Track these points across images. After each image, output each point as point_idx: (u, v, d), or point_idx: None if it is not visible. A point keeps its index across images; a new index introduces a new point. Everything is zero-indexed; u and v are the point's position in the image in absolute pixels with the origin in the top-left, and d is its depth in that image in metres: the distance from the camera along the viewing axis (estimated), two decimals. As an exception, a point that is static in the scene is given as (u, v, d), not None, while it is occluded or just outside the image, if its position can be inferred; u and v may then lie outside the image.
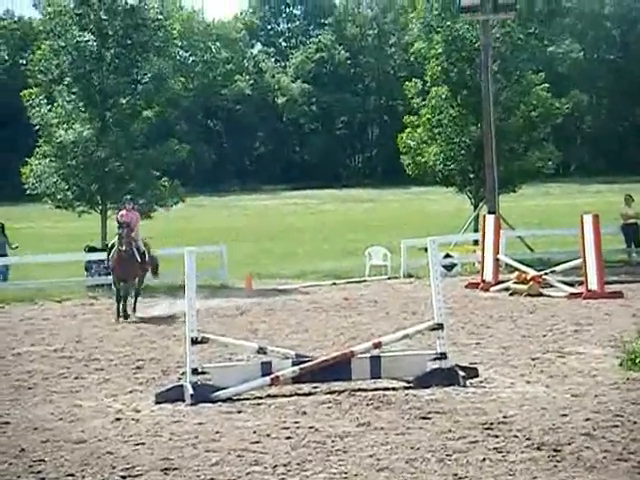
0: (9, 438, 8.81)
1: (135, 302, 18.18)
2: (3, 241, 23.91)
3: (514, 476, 7.05)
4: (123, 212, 18.81)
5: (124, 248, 17.83)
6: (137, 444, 8.44)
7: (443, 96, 28.01)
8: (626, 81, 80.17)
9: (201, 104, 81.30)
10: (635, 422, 8.50)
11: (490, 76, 25.19)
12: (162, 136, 27.54)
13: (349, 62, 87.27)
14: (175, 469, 7.58)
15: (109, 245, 19.25)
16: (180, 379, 10.89)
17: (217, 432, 8.78)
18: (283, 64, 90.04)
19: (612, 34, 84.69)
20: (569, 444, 7.83)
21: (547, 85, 29.04)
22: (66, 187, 25.02)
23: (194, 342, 10.25)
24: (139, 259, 18.15)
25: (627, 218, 25.54)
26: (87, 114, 24.94)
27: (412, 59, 31.81)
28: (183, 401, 10.05)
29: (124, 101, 25.05)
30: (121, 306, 17.71)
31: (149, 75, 25.30)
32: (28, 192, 25.95)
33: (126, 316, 17.57)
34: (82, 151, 24.53)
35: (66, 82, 25.02)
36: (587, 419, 8.68)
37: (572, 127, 70.79)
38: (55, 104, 25.16)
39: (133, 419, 9.48)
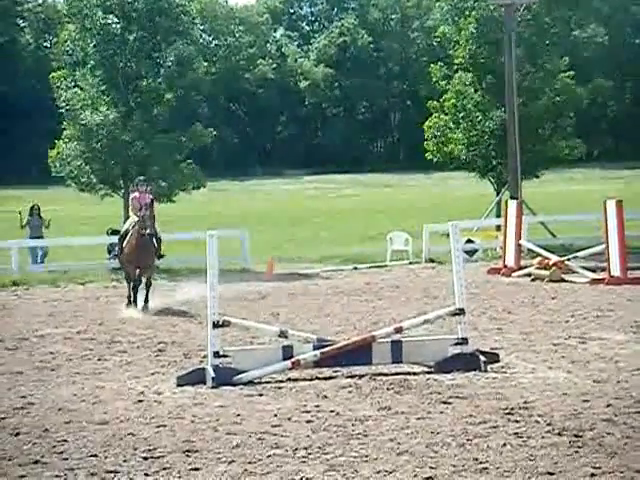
0: (33, 418, 8.89)
1: (147, 293, 16.69)
2: (39, 223, 24.05)
3: (534, 461, 7.04)
4: (136, 194, 17.35)
5: (147, 231, 16.28)
6: (159, 426, 8.49)
7: (468, 82, 27.88)
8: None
9: (224, 88, 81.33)
10: (657, 408, 8.47)
11: (514, 61, 25.05)
12: (185, 120, 27.61)
13: (372, 46, 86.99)
14: (196, 451, 7.63)
15: (121, 231, 17.58)
16: (202, 362, 10.94)
17: (238, 415, 8.82)
18: (306, 48, 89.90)
19: (638, 18, 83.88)
20: (590, 430, 7.82)
21: (572, 73, 28.83)
22: (90, 170, 25.15)
23: (215, 325, 10.29)
24: (155, 245, 16.90)
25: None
26: (111, 97, 25.02)
27: (435, 43, 31.66)
28: (204, 384, 10.10)
29: (147, 84, 25.11)
30: (132, 293, 16.76)
31: (172, 59, 25.34)
32: (54, 175, 26.12)
33: (136, 304, 16.58)
34: (107, 134, 24.63)
35: (90, 65, 25.11)
36: (608, 405, 8.66)
37: (596, 112, 70.28)
38: (80, 87, 25.27)
39: (155, 401, 9.53)
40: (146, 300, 16.55)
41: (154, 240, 16.77)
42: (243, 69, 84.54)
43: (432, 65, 29.88)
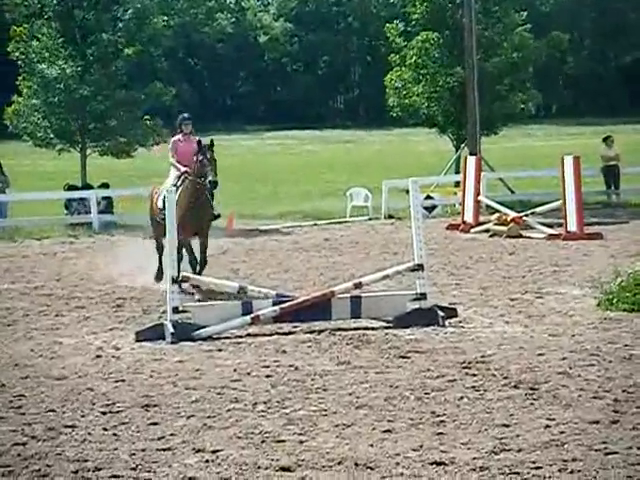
0: (-10, 375, 8.84)
1: (202, 267, 13.19)
2: (3, 179, 23.75)
3: (491, 414, 7.13)
4: (178, 137, 13.61)
5: (210, 178, 12.94)
6: (117, 381, 8.48)
7: (431, 40, 27.77)
8: (609, 22, 79.78)
9: (182, 43, 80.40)
10: (611, 361, 8.60)
11: (473, 17, 24.99)
12: (144, 75, 27.31)
13: (331, 1, 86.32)
14: (155, 406, 7.63)
15: (161, 190, 13.43)
16: (161, 318, 10.92)
17: (197, 370, 8.83)
18: (265, 2, 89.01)
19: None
20: (546, 382, 7.93)
21: (529, 25, 28.79)
22: (47, 125, 24.81)
23: (174, 281, 10.26)
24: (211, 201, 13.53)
25: (607, 160, 25.59)
26: (68, 51, 24.65)
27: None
28: (163, 339, 10.09)
29: (105, 38, 24.75)
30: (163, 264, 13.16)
31: (130, 12, 24.98)
32: (10, 130, 25.75)
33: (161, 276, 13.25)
34: (64, 88, 24.28)
35: (47, 17, 24.68)
36: (564, 358, 8.78)
37: (554, 68, 70.44)
38: (37, 39, 24.86)
39: (113, 356, 9.51)
40: (201, 271, 12.99)
41: (212, 195, 13.60)
42: (202, 23, 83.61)
43: (388, 24, 29.70)
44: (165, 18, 26.95)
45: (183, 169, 13.41)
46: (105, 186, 25.17)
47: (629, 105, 73.08)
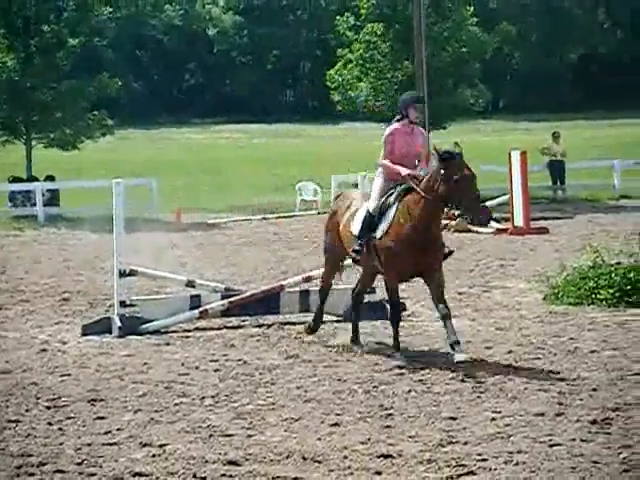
0: None
1: (452, 328, 8.62)
2: None
3: (438, 407, 7.18)
4: (398, 125, 9.68)
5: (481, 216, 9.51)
6: (63, 375, 8.39)
7: (378, 32, 27.83)
8: (556, 17, 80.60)
9: (129, 34, 79.68)
10: (556, 354, 8.70)
11: (422, 11, 25.09)
12: (90, 67, 27.03)
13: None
14: (102, 400, 7.57)
15: (363, 209, 9.21)
16: (107, 311, 10.82)
17: (145, 364, 8.77)
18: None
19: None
20: (492, 376, 7.99)
21: (476, 19, 28.94)
22: (-9, 116, 24.50)
23: (122, 275, 10.18)
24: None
25: (554, 155, 25.87)
26: (10, 42, 24.32)
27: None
28: (110, 333, 10.00)
29: (48, 29, 24.44)
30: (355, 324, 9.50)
31: (73, 3, 24.71)
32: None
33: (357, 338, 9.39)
34: (7, 79, 23.95)
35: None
36: (510, 352, 8.86)
37: (502, 63, 71.06)
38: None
39: (59, 350, 9.41)
40: (457, 342, 8.45)
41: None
42: (149, 15, 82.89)
43: (338, 17, 29.73)
44: (109, 9, 26.65)
45: (404, 171, 9.22)
46: (50, 178, 24.88)
47: (575, 101, 73.93)
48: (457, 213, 8.81)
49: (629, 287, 10.82)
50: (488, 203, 20.55)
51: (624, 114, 67.06)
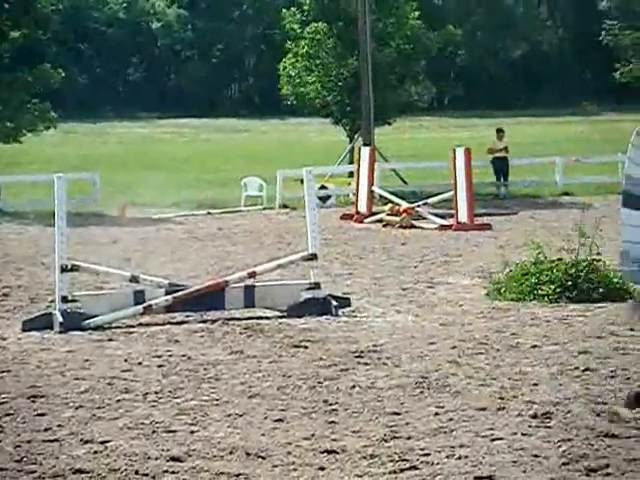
0: None
1: None
2: None
3: (382, 402, 7.21)
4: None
5: None
6: (2, 371, 8.28)
7: (322, 31, 27.83)
8: (498, 15, 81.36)
9: (72, 27, 78.75)
10: (498, 350, 8.78)
11: (367, 7, 25.16)
12: (32, 59, 26.64)
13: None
14: (42, 397, 7.48)
15: None
16: (49, 307, 10.69)
17: (87, 360, 8.68)
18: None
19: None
20: (436, 371, 8.05)
21: (419, 14, 29.05)
22: None
23: (64, 270, 10.06)
24: None
25: (497, 152, 26.13)
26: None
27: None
28: (52, 329, 9.89)
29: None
30: None
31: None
32: None
33: None
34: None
35: None
36: (454, 347, 8.92)
37: (446, 60, 71.49)
38: None
39: (-1, 347, 9.28)
40: None
41: None
42: (92, 8, 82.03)
43: (285, 10, 29.68)
44: (54, 2, 26.32)
45: None
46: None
47: (518, 98, 74.69)
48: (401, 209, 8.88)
49: (570, 283, 10.96)
50: (431, 200, 20.75)
51: (566, 111, 67.93)
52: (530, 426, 6.52)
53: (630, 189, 12.33)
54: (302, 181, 11.76)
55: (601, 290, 10.94)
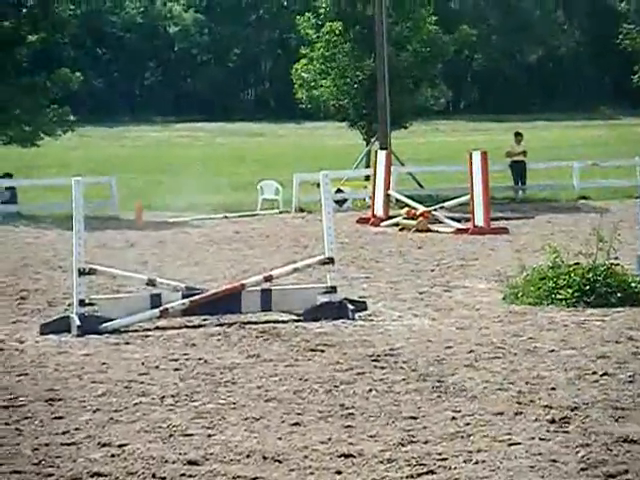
0: None
1: None
2: None
3: (399, 406, 7.19)
4: None
5: None
6: (20, 375, 8.30)
7: (337, 31, 27.85)
8: (515, 19, 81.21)
9: (90, 31, 79.10)
10: (515, 354, 8.75)
11: (383, 11, 25.16)
12: (50, 63, 26.78)
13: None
14: (60, 400, 7.49)
15: None
16: (66, 310, 10.72)
17: (104, 363, 8.70)
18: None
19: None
20: (452, 375, 8.02)
21: (435, 18, 29.03)
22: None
23: (81, 273, 10.09)
24: None
25: (515, 155, 26.07)
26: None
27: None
28: (69, 332, 9.91)
29: (6, 25, 24.17)
30: None
31: (34, -1, 24.53)
32: None
33: None
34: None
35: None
36: (470, 351, 8.90)
37: (462, 64, 71.44)
38: None
39: (17, 350, 9.31)
40: None
41: None
42: (109, 12, 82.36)
43: (299, 16, 29.70)
44: (72, 6, 26.43)
45: None
46: (8, 176, 24.63)
47: (534, 102, 74.51)
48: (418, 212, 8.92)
49: (587, 287, 10.91)
50: (447, 204, 20.70)
51: (583, 115, 67.71)
52: (548, 431, 6.49)
53: (648, 193, 12.28)
54: (318, 185, 11.76)
55: (619, 295, 10.88)
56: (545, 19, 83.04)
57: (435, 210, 20.17)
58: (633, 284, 11.09)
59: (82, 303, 10.04)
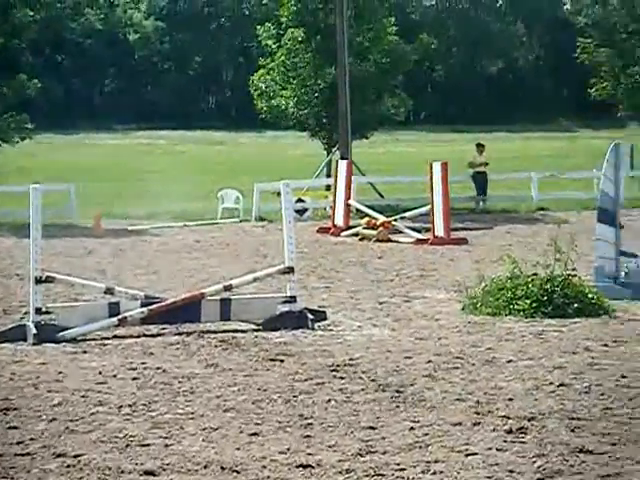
0: None
1: None
2: None
3: (357, 416, 7.19)
4: None
5: None
6: (-25, 384, 8.20)
7: (299, 38, 27.86)
8: (475, 31, 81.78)
9: (49, 37, 78.46)
10: (474, 364, 8.78)
11: (345, 22, 25.24)
12: (7, 69, 26.48)
13: (203, 1, 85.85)
14: (15, 409, 7.40)
15: None
16: (23, 319, 10.61)
17: (60, 372, 8.61)
18: (135, 0, 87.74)
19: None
20: (411, 385, 8.04)
21: (396, 29, 29.13)
22: None
23: (38, 281, 9.99)
24: None
25: (477, 166, 26.25)
26: None
27: (266, 1, 31.43)
28: (25, 341, 9.80)
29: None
30: None
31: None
32: None
33: None
34: None
35: None
36: (429, 361, 8.92)
37: (423, 75, 71.81)
38: None
39: (-28, 359, 9.19)
40: None
41: None
42: (69, 18, 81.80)
43: (259, 26, 29.67)
44: (31, 12, 26.14)
45: None
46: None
47: (494, 113, 75.03)
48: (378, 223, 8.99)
49: (545, 298, 11.00)
50: (408, 214, 20.78)
51: (542, 127, 68.35)
52: (505, 441, 6.52)
53: (605, 205, 12.43)
54: (279, 194, 11.74)
55: (576, 305, 10.98)
56: (505, 32, 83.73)
57: (395, 220, 20.24)
58: (590, 295, 11.19)
59: (39, 311, 9.94)
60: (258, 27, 29.74)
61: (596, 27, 30.34)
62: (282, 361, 9.00)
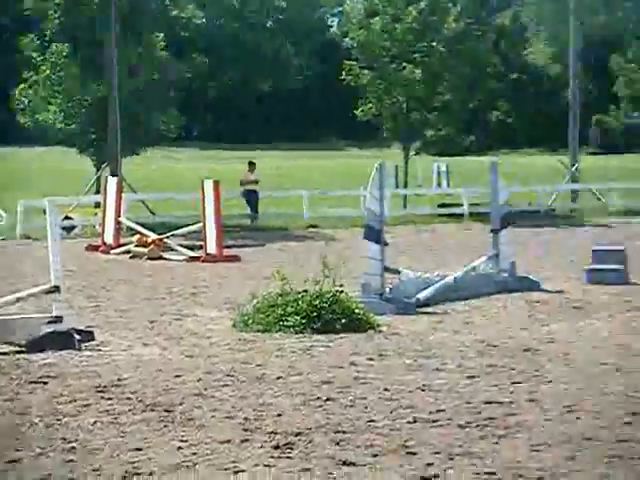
0: None
1: None
2: None
3: (124, 438, 7.02)
4: None
5: None
6: None
7: (64, 53, 27.16)
8: (246, 51, 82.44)
9: None
10: (244, 381, 8.80)
11: (113, 35, 24.87)
12: None
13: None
14: None
15: None
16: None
17: None
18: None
19: (232, 3, 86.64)
20: (181, 404, 7.94)
21: (164, 44, 28.99)
22: None
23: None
24: None
25: (248, 184, 26.51)
26: None
27: (28, 13, 30.42)
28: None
29: None
30: None
31: None
32: None
33: None
34: None
35: None
36: (199, 379, 8.86)
37: (196, 92, 71.76)
38: None
39: None
40: None
41: None
42: None
43: (21, 37, 28.73)
44: None
45: None
46: None
47: (265, 132, 76.08)
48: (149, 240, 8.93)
49: (314, 314, 11.18)
50: (179, 231, 20.67)
51: (313, 146, 70.03)
52: (272, 457, 6.55)
53: (371, 223, 12.83)
54: (44, 212, 11.38)
55: (344, 321, 11.22)
56: (275, 52, 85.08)
57: (167, 238, 20.07)
58: (357, 310, 11.48)
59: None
60: (21, 38, 28.76)
61: (360, 50, 31.35)
62: (46, 383, 8.68)
